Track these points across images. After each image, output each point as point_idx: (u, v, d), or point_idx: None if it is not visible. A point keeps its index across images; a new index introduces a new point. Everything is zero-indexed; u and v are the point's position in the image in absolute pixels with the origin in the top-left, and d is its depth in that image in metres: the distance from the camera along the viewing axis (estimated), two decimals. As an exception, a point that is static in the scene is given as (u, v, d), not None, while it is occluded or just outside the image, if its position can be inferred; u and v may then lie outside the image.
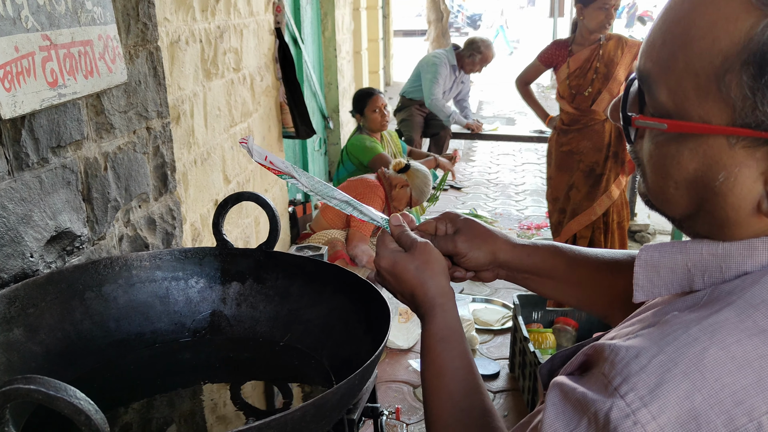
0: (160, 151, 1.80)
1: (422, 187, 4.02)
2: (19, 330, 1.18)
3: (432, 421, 0.95)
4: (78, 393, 0.73)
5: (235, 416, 1.19)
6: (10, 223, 1.23)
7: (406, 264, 1.01)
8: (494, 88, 13.62)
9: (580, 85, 3.86)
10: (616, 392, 0.61)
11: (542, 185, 7.00)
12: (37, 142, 1.29)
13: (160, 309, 1.38)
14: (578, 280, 1.10)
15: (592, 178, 3.93)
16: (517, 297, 3.39)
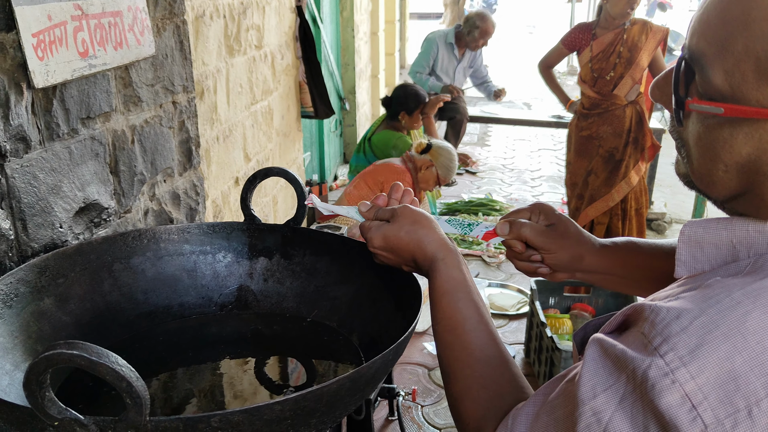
0: (185, 126, 1.79)
1: (447, 164, 3.98)
2: (50, 299, 1.18)
3: (450, 377, 0.93)
4: (120, 359, 0.73)
5: (260, 391, 1.19)
6: (40, 193, 1.23)
7: (395, 232, 1.02)
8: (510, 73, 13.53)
9: (603, 69, 3.82)
10: (656, 352, 0.61)
11: (558, 171, 6.96)
12: (67, 112, 1.29)
13: (187, 282, 1.38)
14: (657, 277, 1.08)
15: (612, 163, 3.89)
16: (535, 282, 3.38)
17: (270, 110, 3.34)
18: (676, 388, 0.59)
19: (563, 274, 1.13)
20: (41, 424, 0.79)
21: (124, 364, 0.73)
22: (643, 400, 0.61)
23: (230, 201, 2.61)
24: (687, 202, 5.79)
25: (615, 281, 1.13)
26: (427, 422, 2.93)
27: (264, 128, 3.21)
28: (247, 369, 1.25)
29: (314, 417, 0.89)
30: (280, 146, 3.59)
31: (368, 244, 1.07)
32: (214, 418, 0.79)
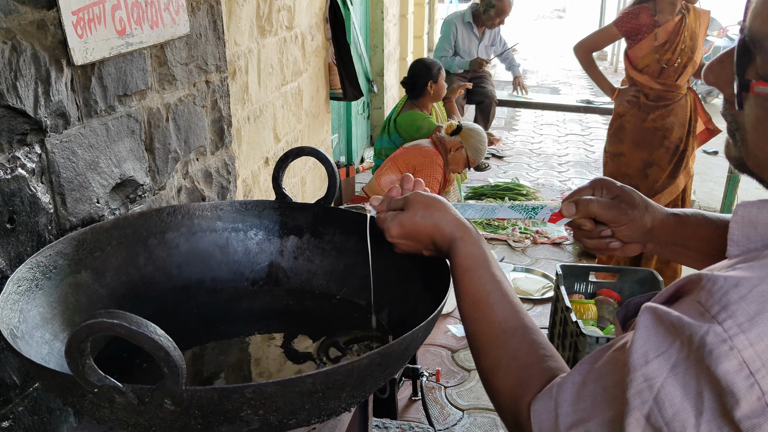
0: (217, 105, 1.81)
1: (477, 145, 3.95)
2: (87, 272, 1.21)
3: (479, 351, 0.94)
4: (158, 329, 0.75)
5: (288, 366, 1.21)
6: (79, 168, 1.26)
7: (411, 219, 1.04)
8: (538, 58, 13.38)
9: (670, 59, 3.61)
10: (714, 319, 0.61)
11: (586, 156, 6.90)
12: (105, 89, 1.31)
13: (220, 258, 1.40)
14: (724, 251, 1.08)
15: (677, 155, 3.77)
16: (560, 267, 3.37)
17: (300, 91, 3.35)
18: (734, 355, 0.58)
19: (635, 246, 1.12)
20: (81, 391, 0.82)
21: (162, 334, 0.75)
22: (698, 367, 0.61)
23: (260, 181, 2.63)
24: (716, 189, 5.71)
25: (686, 254, 1.12)
26: (450, 403, 2.95)
27: (294, 109, 3.23)
28: (276, 344, 1.27)
29: (344, 391, 0.91)
30: (309, 127, 3.61)
31: (386, 234, 1.09)
32: (248, 389, 0.81)
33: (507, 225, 4.87)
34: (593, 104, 6.45)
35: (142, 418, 0.84)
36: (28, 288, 1.06)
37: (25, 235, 1.15)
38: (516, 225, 4.87)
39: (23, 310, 1.03)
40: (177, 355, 0.75)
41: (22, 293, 1.04)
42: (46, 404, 1.26)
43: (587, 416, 0.71)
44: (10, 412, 1.17)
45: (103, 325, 0.73)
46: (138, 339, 0.73)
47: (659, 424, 0.63)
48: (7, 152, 1.08)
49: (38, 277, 1.09)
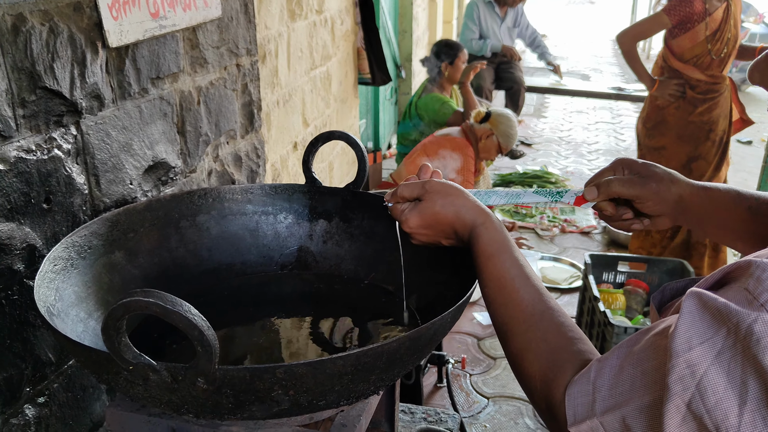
0: (248, 89, 1.82)
1: (508, 131, 3.90)
2: (120, 253, 1.23)
3: (507, 335, 0.93)
4: (192, 309, 0.76)
5: (316, 350, 1.21)
6: (113, 150, 1.27)
7: (431, 208, 1.02)
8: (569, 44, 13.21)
9: (719, 49, 3.47)
10: (763, 307, 0.59)
11: (616, 145, 6.81)
12: (138, 72, 1.32)
13: (249, 242, 1.41)
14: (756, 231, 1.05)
15: (721, 147, 3.68)
16: (589, 256, 3.34)
17: (328, 76, 3.35)
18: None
19: (665, 219, 1.10)
20: (116, 368, 0.84)
21: (196, 314, 0.76)
22: (745, 355, 0.60)
23: (288, 165, 2.64)
24: (750, 180, 5.61)
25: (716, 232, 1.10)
26: (476, 390, 2.96)
27: (322, 94, 3.23)
28: (304, 328, 1.28)
29: (374, 374, 0.91)
30: (337, 112, 3.61)
31: (404, 225, 1.07)
32: (279, 369, 0.82)
33: (535, 213, 4.84)
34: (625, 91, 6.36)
35: (175, 396, 0.85)
36: (63, 267, 1.08)
37: (61, 215, 1.17)
38: (544, 213, 4.84)
39: (59, 288, 1.05)
40: (210, 334, 0.76)
41: (58, 272, 1.06)
42: (80, 382, 1.29)
43: (624, 401, 0.70)
44: (45, 389, 1.19)
45: (139, 303, 0.74)
46: (172, 318, 0.74)
47: (700, 412, 0.61)
48: (44, 133, 1.09)
49: (73, 256, 1.11)
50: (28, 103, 1.05)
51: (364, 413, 1.09)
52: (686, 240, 3.70)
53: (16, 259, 1.08)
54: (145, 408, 1.06)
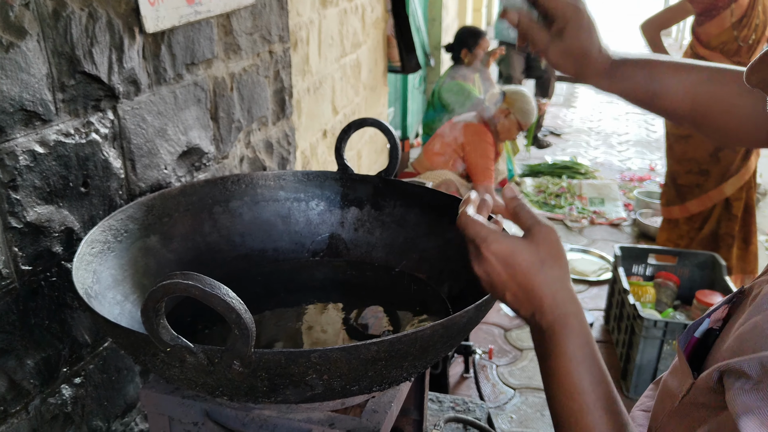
0: (280, 75, 1.82)
1: (525, 107, 3.86)
2: (156, 237, 1.24)
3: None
4: (230, 292, 0.77)
5: (346, 337, 1.22)
6: (148, 135, 1.28)
7: (528, 255, 0.81)
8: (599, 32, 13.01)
9: (746, 36, 3.37)
10: None
11: (647, 136, 6.72)
12: (174, 58, 1.33)
13: (281, 228, 1.42)
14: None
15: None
16: (619, 248, 3.31)
17: (358, 63, 3.34)
18: None
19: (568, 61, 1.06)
20: (154, 350, 0.85)
21: (234, 297, 0.77)
22: None
23: (318, 153, 2.65)
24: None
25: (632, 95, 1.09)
26: (502, 381, 2.95)
27: (352, 81, 3.23)
28: (335, 315, 1.29)
29: (407, 360, 0.91)
30: (366, 100, 3.60)
31: (484, 244, 0.85)
32: (314, 353, 0.82)
33: (564, 204, 4.80)
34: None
35: (210, 378, 0.86)
36: (100, 250, 1.09)
37: (98, 198, 1.18)
38: (573, 204, 4.79)
39: (96, 271, 1.06)
40: (248, 317, 0.77)
41: (95, 255, 1.08)
42: (115, 364, 1.31)
43: None
44: (81, 370, 1.21)
45: (178, 285, 0.75)
46: (211, 300, 0.75)
47: None
48: (83, 117, 1.11)
49: (110, 239, 1.13)
50: (68, 88, 1.06)
51: (395, 400, 1.09)
52: (714, 231, 3.63)
53: (55, 242, 1.10)
54: (179, 390, 1.07)
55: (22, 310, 1.06)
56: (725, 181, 3.52)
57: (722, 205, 3.60)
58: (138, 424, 1.41)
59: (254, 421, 1.02)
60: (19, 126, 0.98)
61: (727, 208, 3.57)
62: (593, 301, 3.62)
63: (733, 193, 3.56)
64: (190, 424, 1.08)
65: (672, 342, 2.75)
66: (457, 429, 1.76)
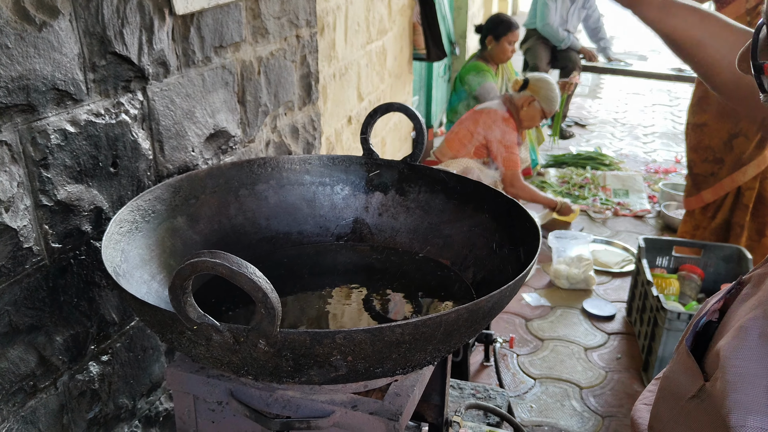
0: (306, 60, 1.83)
1: (549, 94, 3.82)
2: (182, 218, 1.25)
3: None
4: (257, 271, 0.77)
5: (368, 320, 1.22)
6: (176, 117, 1.29)
7: None
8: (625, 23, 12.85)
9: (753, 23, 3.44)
10: None
11: (673, 128, 6.63)
12: (202, 40, 1.33)
13: (306, 212, 1.42)
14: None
15: (764, 126, 3.55)
16: (643, 240, 3.28)
17: (384, 50, 3.33)
18: None
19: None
20: (180, 328, 0.86)
21: (261, 276, 0.77)
22: None
23: (342, 140, 2.65)
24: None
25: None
26: (522, 371, 2.94)
27: (377, 68, 3.22)
28: (358, 298, 1.29)
29: (431, 344, 0.91)
30: (391, 87, 3.60)
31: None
32: (338, 334, 0.83)
33: (588, 195, 4.76)
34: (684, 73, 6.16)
35: (236, 357, 0.87)
36: (128, 230, 1.11)
37: (127, 179, 1.19)
38: (597, 195, 4.75)
39: (124, 250, 1.08)
40: (274, 297, 0.77)
41: (124, 234, 1.09)
42: (141, 343, 1.32)
43: None
44: (109, 348, 1.23)
45: (206, 263, 0.75)
46: (238, 279, 0.76)
47: None
48: (113, 98, 1.12)
49: (138, 220, 1.14)
50: (99, 68, 1.07)
51: (417, 384, 1.10)
52: (727, 220, 3.58)
53: (84, 221, 1.12)
54: (204, 369, 1.08)
55: (52, 287, 1.07)
56: (738, 170, 3.48)
57: (734, 194, 3.56)
58: (162, 402, 1.42)
59: (278, 402, 1.03)
60: (51, 105, 0.99)
61: (738, 198, 3.52)
62: (616, 292, 3.60)
63: (746, 183, 3.53)
64: (214, 403, 1.10)
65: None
66: (477, 416, 1.77)
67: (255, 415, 1.03)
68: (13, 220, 0.96)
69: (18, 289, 1.00)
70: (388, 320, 1.21)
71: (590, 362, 3.01)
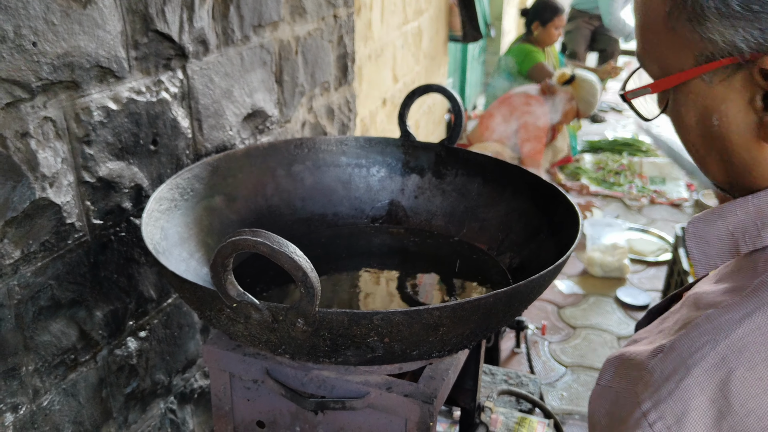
0: (343, 41, 1.81)
1: (589, 98, 3.77)
2: (220, 197, 1.26)
3: None
4: (298, 250, 0.77)
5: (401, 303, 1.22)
6: (215, 96, 1.29)
7: None
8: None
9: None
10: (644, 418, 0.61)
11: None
12: (242, 19, 1.33)
13: (342, 193, 1.42)
14: None
15: None
16: (681, 229, 3.22)
17: (420, 31, 3.30)
18: None
19: None
20: (220, 305, 0.86)
21: (301, 255, 0.77)
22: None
23: (377, 122, 2.64)
24: None
25: None
26: (553, 358, 2.92)
27: (413, 50, 3.20)
28: (392, 281, 1.29)
29: (468, 327, 0.91)
30: (426, 69, 3.57)
31: None
32: (376, 315, 0.82)
33: (624, 182, 4.69)
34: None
35: (274, 335, 0.87)
36: (168, 208, 1.12)
37: (166, 157, 1.20)
38: (633, 182, 4.68)
39: (164, 228, 1.09)
40: (314, 276, 0.77)
41: (163, 212, 1.10)
42: (178, 320, 1.34)
43: None
44: (146, 324, 1.25)
45: (247, 242, 0.75)
46: (278, 258, 0.76)
47: None
48: (154, 75, 1.12)
49: (177, 198, 1.15)
50: (141, 46, 1.07)
51: (452, 367, 1.09)
52: None
53: (125, 197, 1.13)
54: (240, 347, 1.09)
55: (93, 263, 1.09)
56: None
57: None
58: (197, 380, 1.44)
59: (313, 381, 1.04)
60: (94, 82, 1.00)
61: None
62: (650, 281, 3.54)
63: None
64: (250, 381, 1.10)
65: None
66: (509, 402, 1.76)
67: (290, 393, 1.03)
68: (57, 195, 0.97)
69: (60, 264, 1.02)
70: (421, 304, 1.21)
71: (623, 351, 2.98)
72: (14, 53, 0.86)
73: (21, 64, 0.87)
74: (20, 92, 0.88)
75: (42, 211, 0.96)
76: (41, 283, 0.99)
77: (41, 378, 1.02)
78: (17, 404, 0.98)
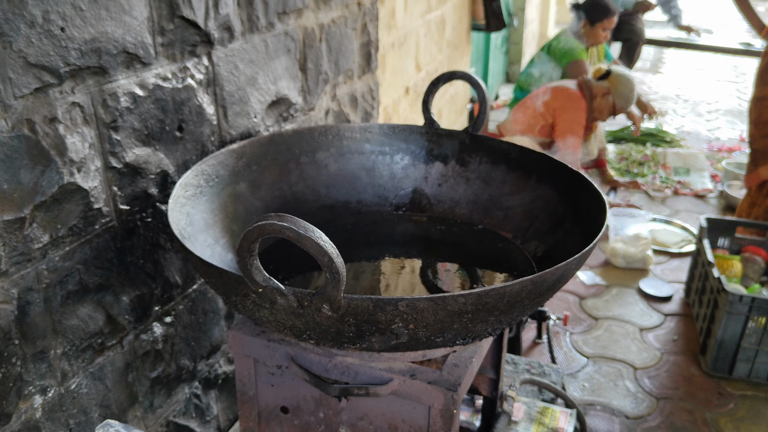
0: (367, 28, 1.81)
1: (626, 93, 3.70)
2: (245, 184, 1.26)
3: None
4: (324, 236, 0.77)
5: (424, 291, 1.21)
6: (240, 83, 1.30)
7: None
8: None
9: None
10: None
11: (738, 105, 6.39)
12: (266, 6, 1.33)
13: (365, 181, 1.42)
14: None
15: None
16: (705, 220, 3.18)
17: (443, 20, 3.29)
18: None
19: None
20: (245, 290, 0.86)
21: (327, 241, 0.77)
22: None
23: (399, 110, 2.63)
24: None
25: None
26: (575, 349, 2.91)
27: (436, 38, 3.18)
28: (415, 268, 1.28)
29: (493, 315, 0.90)
30: (449, 58, 3.55)
31: None
32: (402, 302, 0.82)
33: (648, 173, 4.63)
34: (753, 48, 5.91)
35: (299, 321, 0.87)
36: (193, 194, 1.12)
37: (192, 143, 1.21)
38: (657, 173, 4.62)
39: (189, 213, 1.09)
40: (339, 262, 0.77)
41: (189, 198, 1.11)
42: (202, 306, 1.35)
43: None
44: (172, 309, 1.26)
45: (273, 227, 0.75)
46: (304, 243, 0.76)
47: None
48: (179, 62, 1.13)
49: (202, 184, 1.15)
50: (167, 32, 1.08)
51: (476, 356, 1.09)
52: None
53: (151, 183, 1.13)
54: (265, 333, 1.10)
55: (119, 248, 1.10)
56: None
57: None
58: (222, 366, 1.45)
59: (337, 368, 1.04)
60: (121, 68, 1.01)
61: None
62: (674, 273, 3.51)
63: None
64: (274, 366, 1.11)
65: (758, 319, 2.64)
66: (532, 391, 1.75)
67: (314, 379, 1.04)
68: (85, 180, 0.98)
69: (88, 249, 1.03)
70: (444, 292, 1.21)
71: (645, 343, 2.96)
72: (43, 38, 0.87)
73: (49, 50, 0.88)
74: (49, 77, 0.89)
75: (70, 195, 0.97)
76: (69, 268, 1.00)
77: (69, 361, 1.03)
78: (46, 387, 1.00)
